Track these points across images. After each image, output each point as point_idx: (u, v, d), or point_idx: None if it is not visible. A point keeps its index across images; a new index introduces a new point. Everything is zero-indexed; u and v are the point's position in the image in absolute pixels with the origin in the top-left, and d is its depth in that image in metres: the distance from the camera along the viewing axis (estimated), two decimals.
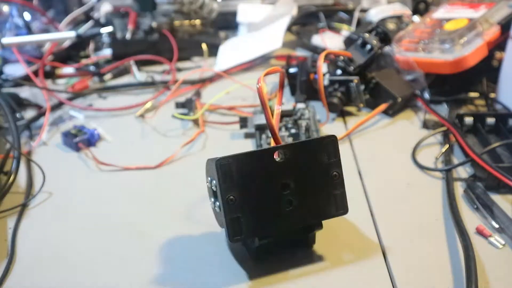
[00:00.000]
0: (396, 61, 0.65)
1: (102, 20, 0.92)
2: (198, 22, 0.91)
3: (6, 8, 0.85)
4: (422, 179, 0.48)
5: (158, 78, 0.75)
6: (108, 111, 0.64)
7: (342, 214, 0.36)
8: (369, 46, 0.61)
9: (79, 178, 0.50)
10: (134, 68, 0.78)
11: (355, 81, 0.59)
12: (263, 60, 0.81)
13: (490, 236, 0.39)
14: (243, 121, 0.57)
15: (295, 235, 0.37)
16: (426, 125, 0.58)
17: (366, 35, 0.62)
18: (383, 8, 0.87)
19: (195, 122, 0.61)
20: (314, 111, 0.58)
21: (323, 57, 0.56)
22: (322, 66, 0.56)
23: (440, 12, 0.74)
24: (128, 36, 0.84)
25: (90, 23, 0.88)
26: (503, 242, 0.38)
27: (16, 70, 0.76)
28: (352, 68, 0.61)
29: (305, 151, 0.35)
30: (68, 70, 0.78)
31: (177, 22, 0.90)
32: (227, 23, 0.96)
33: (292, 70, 0.68)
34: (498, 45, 0.64)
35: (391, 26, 0.80)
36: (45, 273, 0.37)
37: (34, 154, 0.55)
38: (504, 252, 0.38)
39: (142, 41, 0.84)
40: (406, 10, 0.85)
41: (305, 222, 0.35)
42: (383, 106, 0.60)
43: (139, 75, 0.77)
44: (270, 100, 0.63)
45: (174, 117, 0.60)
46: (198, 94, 0.67)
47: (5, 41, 0.69)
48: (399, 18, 0.84)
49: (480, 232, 0.40)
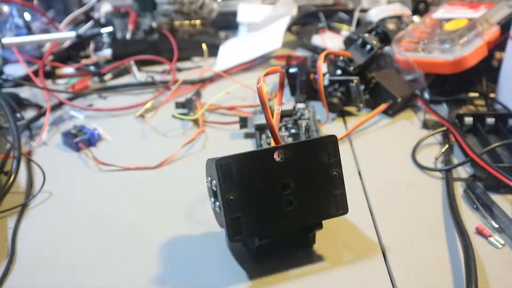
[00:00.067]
0: (396, 61, 0.65)
1: (102, 20, 0.92)
2: (198, 22, 0.91)
3: (6, 8, 0.85)
4: (422, 179, 0.48)
5: (158, 78, 0.76)
6: (108, 111, 0.64)
7: (342, 214, 0.36)
8: (369, 46, 0.61)
9: (79, 178, 0.50)
10: (134, 68, 0.78)
11: (355, 81, 0.59)
12: (263, 60, 0.81)
13: (490, 236, 0.39)
14: (243, 121, 0.57)
15: (295, 235, 0.37)
16: (426, 125, 0.58)
17: (366, 35, 0.62)
18: (383, 8, 0.87)
19: (195, 122, 0.61)
20: (314, 111, 0.58)
21: (323, 57, 0.56)
22: (322, 66, 0.56)
23: (440, 12, 0.74)
24: (128, 36, 0.84)
25: (90, 23, 0.88)
26: (503, 242, 0.38)
27: (16, 70, 0.76)
28: (352, 68, 0.61)
29: (305, 151, 0.35)
30: (68, 70, 0.78)
31: (177, 22, 0.90)
32: (227, 23, 0.96)
33: (292, 70, 0.68)
34: (498, 45, 0.64)
35: (391, 26, 0.80)
36: (45, 273, 0.37)
37: (34, 154, 0.55)
38: (503, 252, 0.38)
39: (142, 41, 0.84)
40: (406, 10, 0.85)
41: (305, 222, 0.35)
42: (383, 106, 0.60)
43: (139, 75, 0.77)
44: (270, 100, 0.63)
45: (174, 117, 0.60)
46: (198, 94, 0.67)
47: (5, 41, 0.69)
48: (399, 18, 0.84)
49: (480, 232, 0.40)
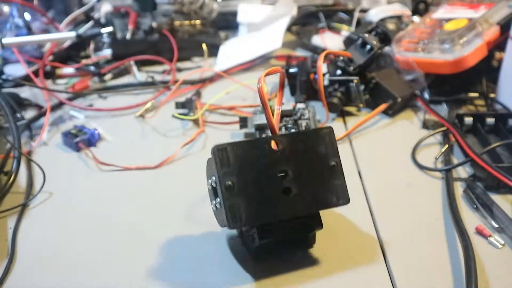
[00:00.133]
0: (396, 61, 0.65)
1: (102, 20, 0.92)
2: (198, 22, 0.91)
3: (6, 8, 0.85)
4: (422, 179, 0.48)
5: (158, 78, 0.76)
6: (108, 111, 0.64)
7: (344, 204, 0.35)
8: (369, 46, 0.61)
9: (79, 178, 0.50)
10: (134, 68, 0.78)
11: (355, 81, 0.59)
12: (263, 60, 0.81)
13: (490, 236, 0.39)
14: (243, 121, 0.57)
15: (295, 235, 0.37)
16: (426, 125, 0.58)
17: (366, 35, 0.62)
18: (383, 8, 0.87)
19: (195, 122, 0.61)
20: (314, 111, 0.58)
21: (323, 57, 0.56)
22: (322, 66, 0.56)
23: (440, 12, 0.74)
24: (128, 36, 0.84)
25: (90, 23, 0.88)
26: (503, 242, 0.38)
27: (16, 70, 0.76)
28: (352, 68, 0.61)
29: (302, 142, 0.35)
30: (68, 70, 0.78)
31: (177, 22, 0.90)
32: (227, 23, 0.96)
33: (292, 70, 0.68)
34: (497, 45, 0.64)
35: (391, 26, 0.80)
36: (45, 273, 0.37)
37: (34, 154, 0.55)
38: (503, 252, 0.38)
39: (142, 41, 0.84)
40: (406, 10, 0.85)
41: (305, 210, 0.35)
42: (383, 106, 0.60)
43: (139, 75, 0.77)
44: (270, 100, 0.63)
45: (174, 117, 0.60)
46: (198, 94, 0.67)
47: (5, 41, 0.69)
48: (399, 18, 0.84)
49: (479, 232, 0.40)
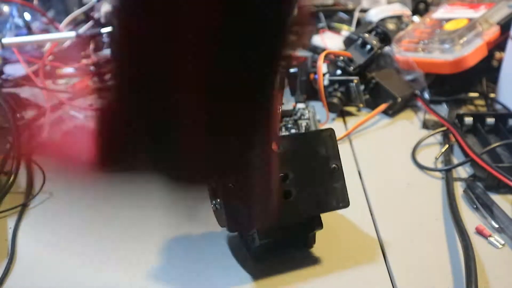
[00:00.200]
0: (396, 61, 0.65)
1: (102, 20, 0.92)
2: None
3: (6, 8, 0.85)
4: (422, 179, 0.48)
5: None
6: None
7: (344, 207, 0.35)
8: (369, 46, 0.61)
9: (80, 178, 0.50)
10: None
11: (355, 81, 0.60)
12: None
13: (490, 236, 0.39)
14: None
15: (295, 235, 0.37)
16: (426, 125, 0.58)
17: (366, 35, 0.62)
18: (383, 8, 0.87)
19: None
20: (314, 111, 0.58)
21: (323, 57, 0.56)
22: (322, 66, 0.57)
23: (440, 12, 0.74)
24: None
25: (90, 23, 0.88)
26: (503, 242, 0.38)
27: (16, 70, 0.76)
28: (352, 68, 0.61)
29: (303, 143, 0.34)
30: (68, 70, 0.78)
31: None
32: None
33: (292, 70, 0.68)
34: (497, 45, 0.64)
35: (391, 26, 0.80)
36: (45, 273, 0.37)
37: (35, 154, 0.55)
38: (503, 252, 0.38)
39: None
40: (406, 10, 0.85)
41: (305, 214, 0.35)
42: (383, 106, 0.60)
43: None
44: None
45: None
46: None
47: (5, 41, 0.69)
48: (399, 18, 0.84)
49: (479, 232, 0.40)
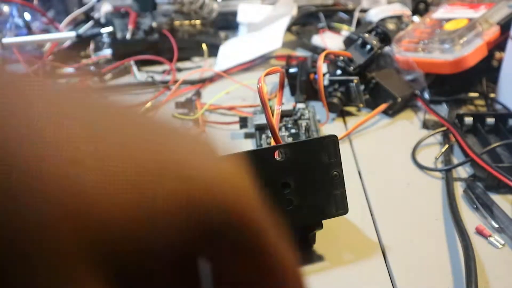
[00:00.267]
0: (396, 61, 0.65)
1: (102, 20, 0.92)
2: (198, 22, 0.91)
3: (6, 8, 0.85)
4: (422, 179, 0.48)
5: (158, 78, 0.75)
6: None
7: (342, 214, 0.36)
8: (369, 46, 0.61)
9: None
10: (134, 68, 0.78)
11: (355, 81, 0.59)
12: (263, 60, 0.81)
13: (490, 236, 0.39)
14: (243, 121, 0.57)
15: (295, 235, 0.37)
16: (426, 125, 0.58)
17: (366, 35, 0.62)
18: (383, 8, 0.87)
19: (195, 122, 0.61)
20: (314, 111, 0.58)
21: (323, 57, 0.56)
22: (322, 66, 0.56)
23: (440, 12, 0.74)
24: (128, 36, 0.84)
25: (90, 23, 0.88)
26: (503, 242, 0.38)
27: (16, 70, 0.76)
28: (352, 68, 0.61)
29: (305, 151, 0.35)
30: (68, 70, 0.78)
31: (177, 22, 0.90)
32: (227, 23, 0.96)
33: (292, 70, 0.68)
34: (497, 45, 0.64)
35: (391, 26, 0.80)
36: None
37: None
38: (503, 252, 0.38)
39: (142, 41, 0.84)
40: (406, 10, 0.85)
41: (305, 222, 0.35)
42: (383, 106, 0.60)
43: (139, 75, 0.77)
44: (270, 100, 0.63)
45: (174, 117, 0.60)
46: (198, 94, 0.67)
47: (5, 41, 0.69)
48: (399, 18, 0.84)
49: (480, 232, 0.40)
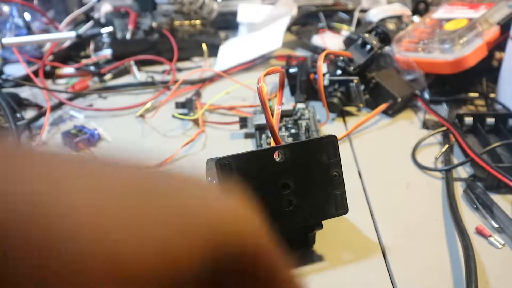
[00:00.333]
0: (396, 61, 0.65)
1: (102, 20, 0.92)
2: (198, 22, 0.91)
3: (6, 8, 0.85)
4: (422, 179, 0.48)
5: (158, 78, 0.76)
6: (108, 111, 0.64)
7: (342, 214, 0.36)
8: (369, 46, 0.61)
9: None
10: (134, 68, 0.78)
11: (355, 81, 0.59)
12: (263, 60, 0.81)
13: (490, 236, 0.39)
14: (243, 121, 0.57)
15: (295, 235, 0.37)
16: (426, 125, 0.58)
17: (366, 35, 0.62)
18: (383, 8, 0.87)
19: (195, 122, 0.61)
20: (314, 111, 0.58)
21: (323, 57, 0.56)
22: (322, 66, 0.56)
23: (440, 12, 0.74)
24: (128, 36, 0.84)
25: (90, 23, 0.88)
26: (503, 242, 0.38)
27: (16, 70, 0.76)
28: (352, 68, 0.61)
29: (305, 151, 0.35)
30: (68, 70, 0.78)
31: (177, 22, 0.90)
32: (227, 23, 0.96)
33: (292, 70, 0.68)
34: (497, 45, 0.64)
35: (391, 26, 0.80)
36: None
37: None
38: (503, 252, 0.38)
39: (142, 41, 0.84)
40: (406, 10, 0.85)
41: (305, 222, 0.35)
42: (383, 106, 0.60)
43: (139, 75, 0.77)
44: (270, 100, 0.63)
45: (174, 117, 0.60)
46: (198, 94, 0.67)
47: (5, 41, 0.69)
48: (399, 18, 0.84)
49: (480, 232, 0.40)
